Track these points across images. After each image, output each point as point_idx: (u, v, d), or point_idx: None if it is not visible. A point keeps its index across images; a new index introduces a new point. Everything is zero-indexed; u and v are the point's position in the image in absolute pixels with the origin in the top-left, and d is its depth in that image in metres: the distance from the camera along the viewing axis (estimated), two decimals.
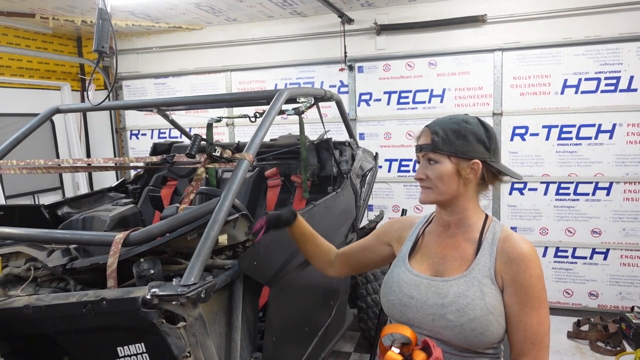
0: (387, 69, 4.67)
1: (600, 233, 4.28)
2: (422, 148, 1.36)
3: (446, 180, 1.32)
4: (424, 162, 1.37)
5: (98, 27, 1.73)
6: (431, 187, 1.35)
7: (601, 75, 4.09)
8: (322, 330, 2.52)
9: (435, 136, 1.33)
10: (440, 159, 1.32)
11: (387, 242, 1.60)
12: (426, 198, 1.38)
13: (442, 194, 1.33)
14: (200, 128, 4.97)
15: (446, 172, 1.32)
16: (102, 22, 1.72)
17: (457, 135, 1.32)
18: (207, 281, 1.56)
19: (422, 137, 1.39)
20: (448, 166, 1.32)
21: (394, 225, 1.60)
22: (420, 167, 1.37)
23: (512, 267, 1.27)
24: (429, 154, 1.34)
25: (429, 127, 1.38)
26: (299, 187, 3.19)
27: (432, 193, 1.35)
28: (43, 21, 4.50)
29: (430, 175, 1.34)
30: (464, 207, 1.36)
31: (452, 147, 1.31)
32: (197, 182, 1.85)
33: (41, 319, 1.47)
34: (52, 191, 5.26)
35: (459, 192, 1.34)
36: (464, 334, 1.26)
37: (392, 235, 1.58)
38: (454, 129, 1.33)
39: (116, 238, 1.67)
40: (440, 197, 1.34)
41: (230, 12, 4.57)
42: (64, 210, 2.88)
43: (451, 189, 1.33)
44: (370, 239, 1.67)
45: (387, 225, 1.63)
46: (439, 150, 1.32)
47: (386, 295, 1.42)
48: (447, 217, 1.39)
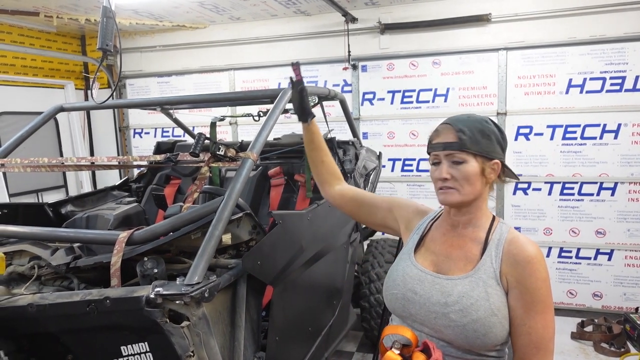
0: (390, 68, 4.65)
1: (604, 233, 4.26)
2: (447, 146, 1.29)
3: (472, 181, 1.28)
4: (447, 161, 1.30)
5: (102, 25, 1.73)
6: (455, 188, 1.29)
7: (606, 75, 4.07)
8: (325, 330, 2.52)
9: (462, 134, 1.27)
10: (467, 159, 1.27)
11: (396, 217, 1.57)
12: (450, 199, 1.31)
13: (467, 195, 1.30)
14: (203, 127, 4.97)
15: (473, 172, 1.28)
16: (106, 20, 1.71)
17: (482, 135, 1.29)
18: (211, 280, 1.56)
19: (442, 135, 1.32)
20: (475, 166, 1.28)
21: (410, 207, 1.56)
22: (444, 166, 1.29)
23: (518, 269, 1.26)
24: (455, 154, 1.28)
25: (451, 125, 1.31)
26: (302, 187, 3.18)
27: (456, 194, 1.30)
28: (47, 20, 4.51)
29: (456, 175, 1.28)
30: (477, 208, 1.34)
31: (478, 147, 1.28)
32: (201, 181, 1.85)
33: (45, 318, 1.47)
34: (56, 189, 5.27)
35: (480, 193, 1.32)
36: (465, 335, 1.24)
37: (404, 215, 1.55)
38: (479, 128, 1.29)
39: (120, 237, 1.67)
40: (465, 198, 1.30)
41: (234, 10, 4.56)
42: (68, 209, 2.88)
43: (476, 189, 1.30)
44: (382, 202, 1.62)
45: (405, 202, 1.59)
46: (467, 149, 1.27)
47: (389, 288, 1.41)
48: (458, 217, 1.36)
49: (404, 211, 1.57)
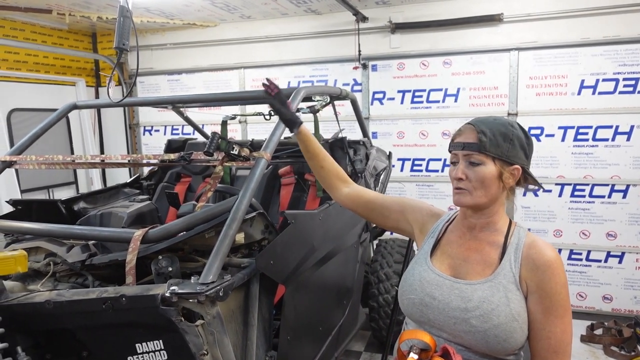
0: (401, 67, 4.64)
1: (615, 236, 4.22)
2: (466, 146, 1.28)
3: (487, 184, 1.27)
4: (464, 161, 1.29)
5: (119, 24, 1.74)
6: (469, 189, 1.29)
7: (619, 76, 4.03)
8: (335, 329, 2.52)
9: (483, 136, 1.26)
10: (485, 161, 1.27)
11: (409, 220, 1.55)
12: (463, 200, 1.30)
13: (480, 197, 1.29)
14: (212, 125, 4.99)
15: (489, 175, 1.27)
16: (123, 19, 1.72)
17: (504, 138, 1.28)
18: (225, 280, 1.57)
19: (463, 135, 1.31)
20: (492, 169, 1.27)
21: (423, 210, 1.54)
22: (461, 166, 1.29)
23: (538, 274, 1.25)
24: (473, 155, 1.27)
25: (474, 125, 1.30)
26: (312, 186, 3.18)
27: (469, 195, 1.29)
28: (59, 17, 4.54)
29: (471, 176, 1.28)
30: (494, 211, 1.33)
31: (498, 150, 1.27)
32: (215, 180, 1.85)
33: (61, 314, 1.48)
34: (66, 186, 5.31)
35: (495, 197, 1.30)
36: (486, 340, 1.24)
37: (418, 218, 1.53)
38: (502, 132, 1.28)
39: (135, 235, 1.68)
40: (478, 201, 1.29)
41: (245, 9, 4.56)
42: (80, 206, 2.90)
43: (490, 193, 1.29)
44: (393, 204, 1.60)
45: (418, 204, 1.57)
46: (486, 151, 1.26)
47: (406, 293, 1.39)
48: (474, 219, 1.35)
49: (417, 214, 1.55)
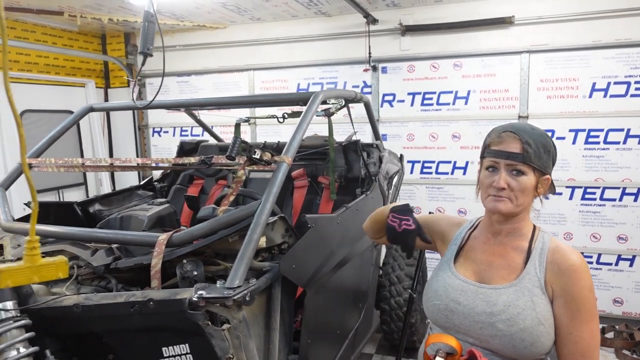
0: (411, 69, 4.64)
1: (626, 239, 4.21)
2: (511, 156, 1.28)
3: (526, 193, 1.29)
4: (506, 170, 1.29)
5: (144, 29, 1.75)
6: (510, 198, 1.29)
7: (631, 79, 4.02)
8: (352, 332, 2.52)
9: (529, 147, 1.27)
10: (527, 171, 1.28)
11: (431, 235, 1.58)
12: (502, 207, 1.30)
13: (518, 206, 1.30)
14: (221, 127, 4.99)
15: (529, 186, 1.29)
16: (148, 24, 1.73)
17: (544, 150, 1.30)
18: (251, 284, 1.58)
19: (506, 144, 1.30)
20: (532, 179, 1.29)
21: (442, 221, 1.58)
22: (503, 174, 1.29)
23: (563, 278, 1.26)
24: (518, 165, 1.28)
25: (518, 135, 1.29)
26: (326, 189, 3.19)
27: (509, 204, 1.29)
28: (70, 19, 4.55)
29: (514, 186, 1.28)
30: (522, 218, 1.35)
31: (540, 162, 1.29)
32: (237, 184, 1.86)
33: (90, 318, 1.49)
34: (76, 187, 5.33)
35: (528, 205, 1.32)
36: (513, 344, 1.24)
37: (438, 231, 1.56)
38: (543, 143, 1.30)
39: (160, 239, 1.69)
40: (516, 209, 1.31)
41: (255, 11, 4.57)
42: (95, 208, 2.92)
43: (527, 201, 1.31)
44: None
45: (436, 218, 1.61)
46: (531, 163, 1.27)
47: (431, 299, 1.41)
48: (501, 225, 1.36)
49: (436, 226, 1.58)
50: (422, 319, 3.90)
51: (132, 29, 5.38)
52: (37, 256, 1.07)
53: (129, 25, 5.02)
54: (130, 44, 5.56)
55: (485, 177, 1.34)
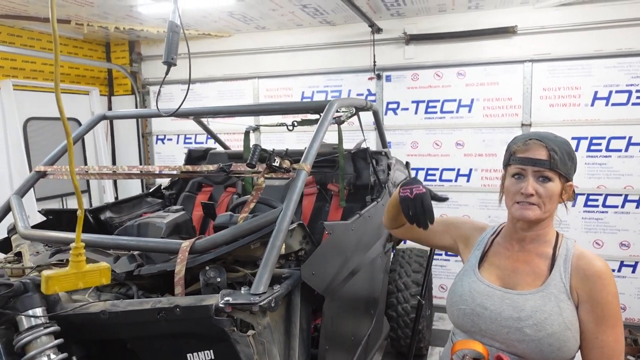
0: (415, 78, 4.70)
1: (629, 246, 4.26)
2: (538, 163, 1.31)
3: (553, 200, 1.33)
4: (534, 177, 1.32)
5: (168, 39, 1.78)
6: (537, 205, 1.32)
7: (632, 87, 4.09)
8: (365, 339, 2.54)
9: (555, 154, 1.31)
10: (554, 178, 1.31)
11: (453, 237, 1.61)
12: (530, 214, 1.32)
13: (546, 213, 1.33)
14: (225, 134, 5.01)
15: (556, 192, 1.32)
16: (172, 34, 1.76)
17: (569, 157, 1.34)
18: (275, 290, 1.59)
19: (532, 151, 1.33)
20: (558, 186, 1.32)
21: (466, 224, 1.61)
22: (530, 181, 1.32)
23: (589, 284, 1.29)
24: (545, 171, 1.31)
25: (543, 142, 1.33)
26: (335, 196, 3.21)
27: (537, 210, 1.32)
28: (77, 27, 4.58)
29: (541, 192, 1.31)
30: (547, 224, 1.38)
31: (565, 168, 1.32)
32: (257, 192, 1.88)
33: (116, 324, 1.50)
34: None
35: (553, 211, 1.36)
36: (540, 349, 1.27)
37: (461, 234, 1.59)
38: (567, 151, 1.34)
39: (183, 246, 1.70)
40: (543, 216, 1.34)
41: (261, 20, 4.62)
42: (107, 215, 2.93)
43: (552, 208, 1.34)
44: (438, 224, 1.63)
45: (460, 221, 1.64)
46: (557, 169, 1.31)
47: (456, 304, 1.42)
48: (526, 232, 1.39)
49: (460, 230, 1.61)
50: (429, 325, 3.91)
51: (137, 37, 5.41)
52: (83, 262, 1.08)
53: (134, 33, 5.05)
54: (135, 52, 5.59)
55: (511, 185, 1.36)
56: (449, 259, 4.80)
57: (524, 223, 1.37)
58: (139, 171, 2.38)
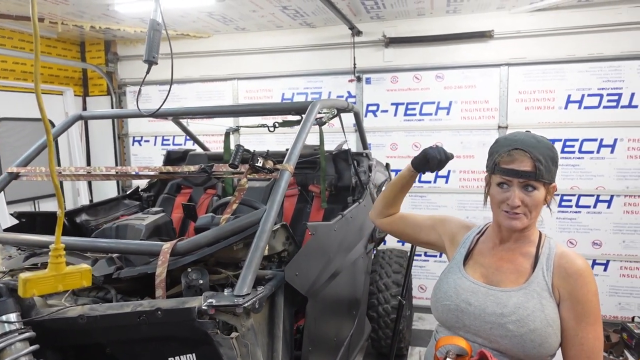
0: (394, 80, 4.74)
1: (600, 245, 4.39)
2: (523, 175, 1.31)
3: (539, 207, 1.34)
4: (519, 187, 1.32)
5: (149, 38, 1.74)
6: (524, 214, 1.33)
7: (604, 91, 4.22)
8: (347, 340, 2.54)
9: (540, 164, 1.30)
10: (539, 186, 1.32)
11: (440, 233, 1.63)
12: (518, 225, 1.34)
13: (532, 220, 1.35)
14: (204, 136, 4.95)
15: (540, 200, 1.33)
16: (153, 33, 1.73)
17: (552, 163, 1.34)
18: (259, 291, 1.58)
19: (517, 162, 1.32)
20: (543, 193, 1.33)
21: (453, 221, 1.63)
22: (516, 192, 1.32)
23: (570, 282, 1.32)
24: (530, 182, 1.31)
25: (528, 152, 1.31)
26: (316, 197, 3.21)
27: (525, 219, 1.34)
28: (51, 26, 4.46)
29: (527, 202, 1.32)
30: (531, 226, 1.40)
31: (549, 175, 1.33)
32: (240, 193, 1.86)
33: (95, 329, 1.46)
34: (52, 197, 5.17)
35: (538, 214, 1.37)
36: (523, 345, 1.29)
37: (448, 231, 1.61)
38: (551, 157, 1.34)
39: (164, 247, 1.67)
40: (530, 223, 1.35)
41: (241, 21, 4.59)
42: (82, 218, 2.86)
43: (538, 213, 1.36)
44: (425, 220, 1.69)
45: (447, 218, 1.66)
46: (542, 179, 1.31)
47: (441, 300, 1.44)
48: (511, 233, 1.40)
49: (447, 227, 1.63)
50: (409, 325, 3.94)
51: (114, 37, 5.30)
52: (63, 264, 1.05)
53: (111, 32, 4.95)
54: (111, 52, 5.48)
55: (497, 194, 1.37)
56: (428, 260, 4.85)
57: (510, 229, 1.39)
58: (117, 172, 2.33)
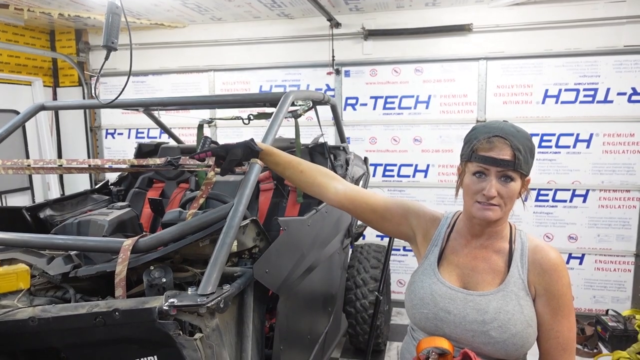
0: (373, 74, 4.69)
1: (576, 239, 4.43)
2: (502, 164, 1.24)
3: (513, 200, 1.28)
4: (496, 177, 1.26)
5: (107, 21, 1.64)
6: (499, 205, 1.26)
7: (580, 86, 4.25)
8: (322, 337, 2.49)
9: (519, 154, 1.24)
10: (516, 177, 1.26)
11: (412, 225, 1.49)
12: (493, 216, 1.27)
13: (507, 212, 1.30)
14: (179, 128, 4.83)
15: (516, 192, 1.27)
16: (112, 16, 1.63)
17: (530, 154, 1.28)
18: (225, 290, 1.51)
19: (497, 150, 1.25)
20: (519, 184, 1.27)
21: (427, 214, 1.49)
22: (493, 182, 1.25)
23: (545, 277, 1.29)
24: (507, 171, 1.25)
25: (509, 141, 1.25)
26: (292, 192, 3.14)
27: (499, 211, 1.27)
28: (16, 12, 4.27)
29: (503, 193, 1.25)
30: (503, 220, 1.35)
31: (527, 167, 1.27)
32: (207, 186, 1.78)
33: (47, 332, 1.37)
34: (21, 192, 4.99)
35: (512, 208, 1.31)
36: (506, 349, 1.26)
37: (421, 223, 1.48)
38: (529, 147, 1.28)
39: (124, 244, 1.59)
40: (503, 215, 1.30)
41: (217, 11, 4.47)
42: (47, 213, 2.73)
43: (512, 206, 1.30)
44: (397, 207, 1.52)
45: (421, 208, 1.52)
46: (520, 169, 1.25)
47: (418, 307, 1.37)
48: (484, 229, 1.35)
49: (421, 219, 1.50)
50: (387, 320, 3.92)
51: (84, 25, 5.11)
52: None
53: (81, 21, 4.77)
54: (82, 41, 5.29)
55: (472, 183, 1.29)
56: (406, 254, 4.83)
57: (483, 221, 1.31)
58: (82, 165, 2.21)
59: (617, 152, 4.25)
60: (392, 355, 3.82)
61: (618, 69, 4.16)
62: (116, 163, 1.98)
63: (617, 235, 4.34)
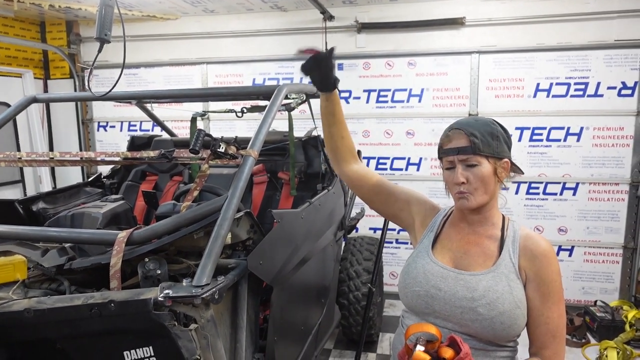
0: (366, 67, 4.69)
1: (566, 231, 4.49)
2: (460, 151, 1.34)
3: (486, 182, 1.34)
4: (461, 165, 1.35)
5: (100, 14, 1.63)
6: (471, 192, 1.34)
7: (571, 80, 4.28)
8: (315, 328, 2.51)
9: (475, 138, 1.33)
10: (480, 161, 1.33)
11: (412, 211, 1.57)
12: (468, 204, 1.35)
13: (482, 196, 1.35)
14: (172, 121, 4.82)
15: (487, 174, 1.33)
16: (105, 8, 1.62)
17: (492, 137, 1.35)
18: (219, 281, 1.52)
19: (455, 140, 1.37)
20: (488, 167, 1.34)
21: (427, 203, 1.58)
22: (459, 170, 1.35)
23: (536, 263, 1.33)
24: (469, 157, 1.33)
25: (462, 129, 1.36)
26: (285, 184, 3.16)
27: (473, 198, 1.34)
28: (6, 3, 4.22)
29: (471, 178, 1.34)
30: (491, 206, 1.40)
31: (490, 149, 1.33)
32: (201, 179, 1.79)
33: (43, 323, 1.38)
34: (12, 185, 4.95)
35: (493, 192, 1.37)
36: (493, 327, 1.30)
37: (421, 210, 1.56)
38: (488, 131, 1.35)
39: (119, 237, 1.59)
40: (481, 201, 1.35)
41: (209, 3, 4.45)
42: (39, 206, 2.72)
43: (490, 189, 1.35)
44: (401, 193, 1.59)
45: (422, 198, 1.60)
46: (480, 152, 1.32)
47: (410, 286, 1.42)
48: (474, 215, 1.41)
49: (422, 207, 1.58)
50: (379, 312, 3.96)
51: (75, 17, 5.06)
52: None
53: (72, 12, 4.72)
54: (73, 33, 5.24)
55: (447, 177, 1.40)
56: (399, 247, 4.87)
57: (466, 209, 1.40)
58: (75, 157, 2.21)
59: (606, 146, 4.30)
60: (384, 347, 3.86)
61: (608, 64, 4.20)
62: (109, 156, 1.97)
63: (606, 228, 4.40)
